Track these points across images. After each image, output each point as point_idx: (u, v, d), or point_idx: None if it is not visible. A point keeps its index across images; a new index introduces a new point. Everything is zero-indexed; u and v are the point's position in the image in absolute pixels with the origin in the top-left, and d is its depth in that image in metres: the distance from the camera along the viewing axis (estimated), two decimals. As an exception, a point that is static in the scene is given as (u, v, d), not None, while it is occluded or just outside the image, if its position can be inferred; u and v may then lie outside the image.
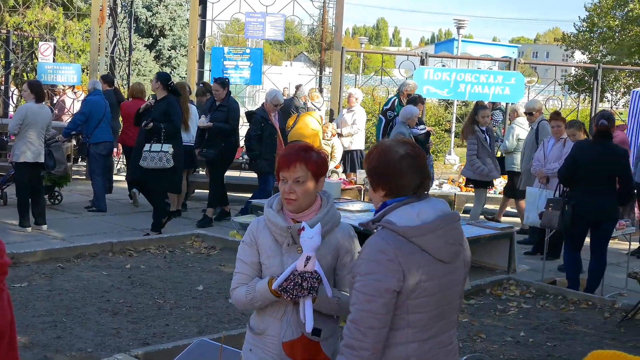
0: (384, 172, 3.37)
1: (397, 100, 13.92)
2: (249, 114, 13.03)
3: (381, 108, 14.29)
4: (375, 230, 3.35)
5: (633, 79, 35.05)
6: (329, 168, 14.68)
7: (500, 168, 12.61)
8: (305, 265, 3.50)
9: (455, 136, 23.44)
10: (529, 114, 12.73)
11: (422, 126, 12.77)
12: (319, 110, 15.52)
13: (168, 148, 10.99)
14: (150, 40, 38.10)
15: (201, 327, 7.18)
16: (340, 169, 15.26)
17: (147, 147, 10.98)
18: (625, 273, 9.38)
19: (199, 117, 12.62)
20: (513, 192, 13.17)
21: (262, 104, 12.94)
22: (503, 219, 13.55)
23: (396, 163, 3.36)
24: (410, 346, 3.30)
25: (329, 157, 14.75)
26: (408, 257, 3.23)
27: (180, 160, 11.30)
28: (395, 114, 13.33)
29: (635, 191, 10.98)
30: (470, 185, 13.12)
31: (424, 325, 3.32)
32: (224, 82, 12.56)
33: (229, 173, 14.96)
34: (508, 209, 14.78)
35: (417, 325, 3.30)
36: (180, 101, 12.73)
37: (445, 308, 3.37)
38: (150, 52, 37.75)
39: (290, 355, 3.67)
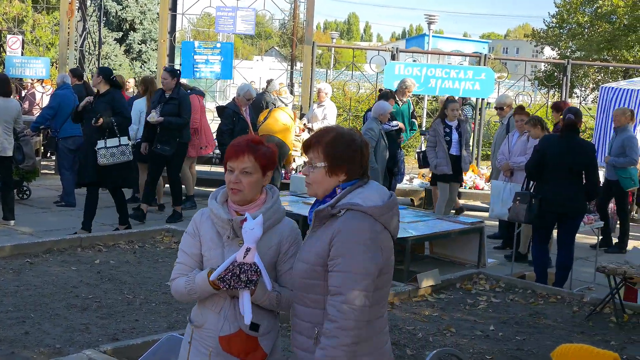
0: (350, 156, 3.44)
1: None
2: (220, 109, 12.95)
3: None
4: (339, 214, 3.38)
5: (602, 74, 35.32)
6: (300, 163, 14.68)
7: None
8: (244, 257, 3.49)
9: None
10: (499, 109, 12.83)
11: (394, 122, 12.80)
12: (286, 106, 15.47)
13: (126, 140, 10.73)
14: (121, 34, 37.88)
15: (171, 322, 7.15)
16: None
17: (100, 144, 10.58)
18: (594, 267, 9.45)
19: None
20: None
21: (234, 99, 12.86)
22: (470, 213, 13.61)
23: (359, 149, 3.47)
24: (382, 321, 3.52)
25: (300, 152, 14.73)
26: (380, 236, 3.39)
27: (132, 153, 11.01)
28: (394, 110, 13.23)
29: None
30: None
31: (384, 300, 3.53)
32: (173, 71, 12.17)
33: (199, 168, 14.92)
34: (476, 202, 14.92)
35: (381, 301, 3.50)
36: (149, 96, 12.65)
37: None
38: (120, 46, 37.54)
39: (227, 349, 3.66)
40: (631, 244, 11.51)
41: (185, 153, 12.63)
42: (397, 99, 13.59)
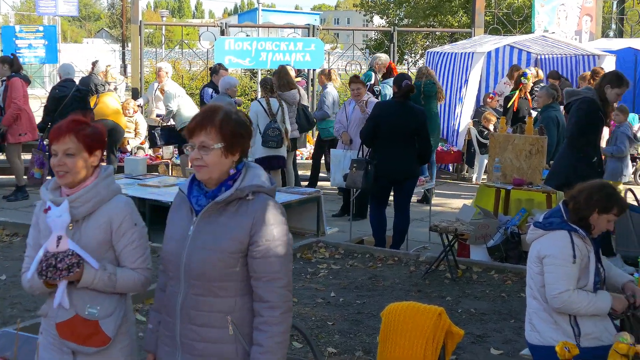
0: (243, 134, 3.36)
1: (374, 75, 13.71)
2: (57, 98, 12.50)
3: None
4: (248, 198, 3.32)
5: (429, 40, 36.31)
6: (134, 145, 14.43)
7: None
8: (57, 246, 3.42)
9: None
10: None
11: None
12: (117, 89, 15.08)
13: None
14: (-63, 22, 36.02)
15: (5, 317, 6.90)
16: (147, 145, 15.02)
17: None
18: (428, 227, 9.74)
19: None
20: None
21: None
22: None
23: (248, 125, 3.42)
24: None
25: (134, 134, 14.50)
26: None
27: None
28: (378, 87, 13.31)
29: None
30: None
31: None
32: None
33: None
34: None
35: None
36: None
37: None
38: (-63, 35, 35.71)
39: (64, 336, 3.60)
40: (461, 202, 11.90)
41: None
42: (376, 74, 13.60)
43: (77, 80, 13.77)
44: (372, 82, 13.49)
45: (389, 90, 12.70)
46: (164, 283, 3.52)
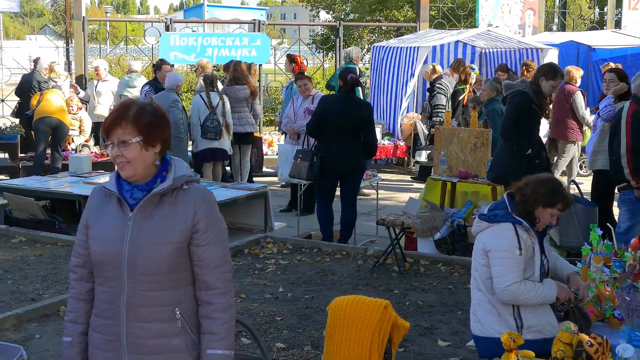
0: (161, 124, 3.30)
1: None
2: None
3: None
4: (184, 188, 3.31)
5: (376, 35, 36.43)
6: (79, 143, 14.25)
7: None
8: None
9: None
10: None
11: None
12: (61, 85, 14.85)
13: None
14: None
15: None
16: (92, 142, 14.85)
17: None
18: (376, 221, 9.78)
19: None
20: None
21: None
22: (259, 179, 13.73)
23: (164, 115, 3.38)
24: None
25: (78, 131, 14.32)
26: None
27: None
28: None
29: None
30: None
31: None
32: None
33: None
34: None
35: None
36: None
37: None
38: None
39: None
40: (408, 196, 11.98)
41: None
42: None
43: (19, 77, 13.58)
44: None
45: None
46: (81, 292, 3.42)
